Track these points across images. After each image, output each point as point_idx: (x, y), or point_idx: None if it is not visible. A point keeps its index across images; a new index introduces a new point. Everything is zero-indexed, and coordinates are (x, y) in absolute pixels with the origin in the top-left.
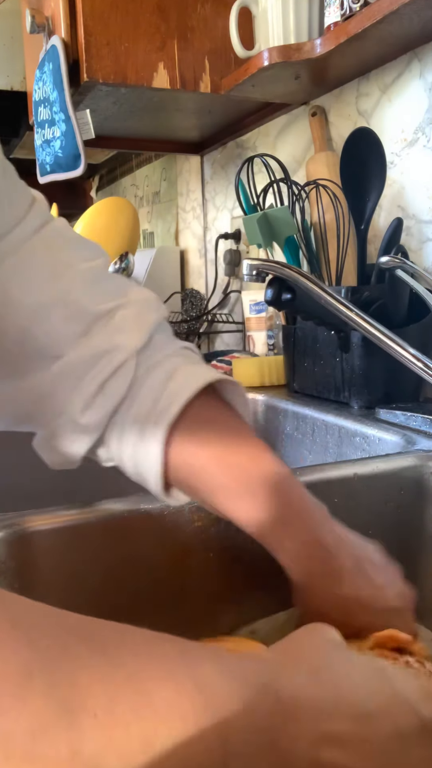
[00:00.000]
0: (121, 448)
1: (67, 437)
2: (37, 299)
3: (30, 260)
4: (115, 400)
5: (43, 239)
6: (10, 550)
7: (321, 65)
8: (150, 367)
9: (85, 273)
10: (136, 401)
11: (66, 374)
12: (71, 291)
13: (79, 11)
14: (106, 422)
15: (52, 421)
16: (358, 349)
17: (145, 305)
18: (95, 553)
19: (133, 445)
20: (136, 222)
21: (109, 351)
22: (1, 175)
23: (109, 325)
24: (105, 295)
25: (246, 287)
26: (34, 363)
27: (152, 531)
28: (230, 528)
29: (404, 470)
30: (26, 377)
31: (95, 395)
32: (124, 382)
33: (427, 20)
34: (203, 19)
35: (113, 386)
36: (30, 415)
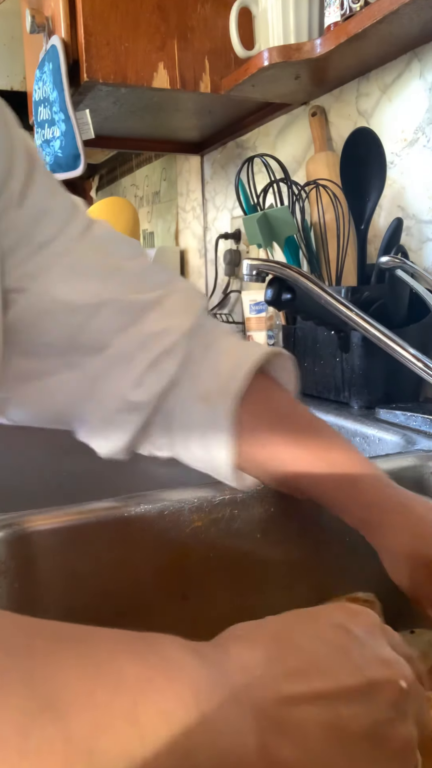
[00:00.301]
0: (189, 433)
1: (118, 417)
2: (89, 300)
3: (79, 263)
4: (167, 378)
5: (90, 242)
6: (10, 550)
7: (321, 65)
8: (206, 347)
9: (131, 270)
10: (197, 382)
11: (116, 359)
12: (121, 288)
13: (79, 11)
14: (156, 401)
15: (103, 404)
16: (358, 349)
17: (190, 292)
18: (95, 553)
19: (202, 430)
20: (136, 222)
21: (159, 333)
22: (45, 186)
23: (158, 310)
24: (152, 287)
25: (246, 287)
26: (83, 356)
27: (152, 531)
28: (230, 528)
29: (404, 470)
30: (75, 368)
31: (145, 373)
32: (175, 360)
33: (427, 20)
34: (203, 19)
35: (164, 364)
36: (80, 405)
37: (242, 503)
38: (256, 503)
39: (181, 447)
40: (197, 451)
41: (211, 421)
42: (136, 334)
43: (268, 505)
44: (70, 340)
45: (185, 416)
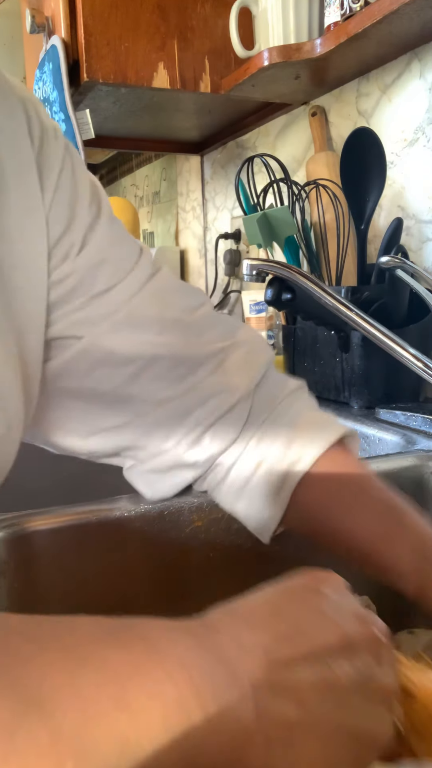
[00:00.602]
0: (239, 499)
1: (170, 473)
2: (143, 352)
3: (136, 314)
4: (226, 442)
5: (150, 293)
6: (10, 550)
7: (321, 65)
8: (271, 412)
9: (191, 322)
10: (258, 448)
11: (173, 414)
12: (178, 342)
13: (79, 11)
14: (212, 462)
15: (156, 458)
16: (358, 349)
17: (254, 345)
18: (95, 553)
19: (248, 504)
20: (136, 222)
21: (219, 392)
22: (108, 235)
23: (219, 367)
24: (212, 340)
25: (246, 287)
26: (135, 406)
27: (152, 531)
28: (230, 528)
29: (404, 470)
30: (125, 416)
31: (204, 434)
32: (237, 423)
33: (427, 20)
34: (203, 19)
35: (224, 427)
36: (127, 449)
37: None
38: None
39: (228, 503)
40: (238, 511)
41: (267, 497)
42: (194, 391)
43: None
44: (122, 390)
45: (241, 483)
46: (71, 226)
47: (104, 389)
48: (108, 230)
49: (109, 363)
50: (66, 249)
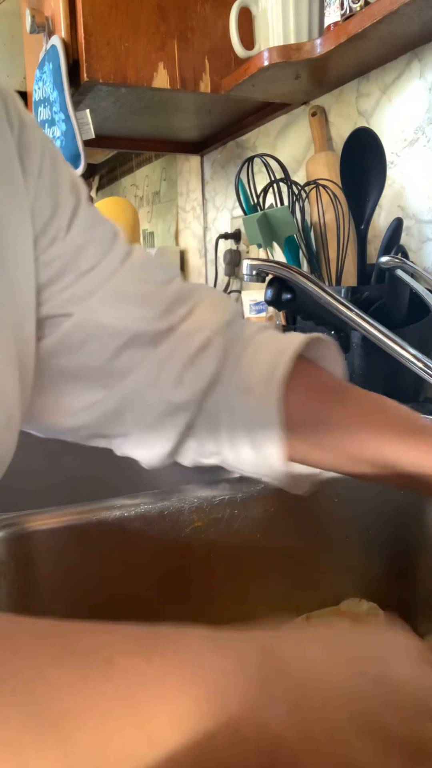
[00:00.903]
0: (234, 430)
1: (161, 421)
2: (130, 325)
3: (120, 289)
4: (207, 375)
5: (129, 268)
6: (10, 550)
7: (321, 65)
8: (244, 343)
9: (168, 295)
10: (238, 376)
11: (152, 364)
12: (158, 314)
13: (79, 11)
14: (198, 400)
15: (144, 412)
16: (358, 349)
17: (221, 295)
18: (95, 553)
19: (247, 423)
20: (136, 222)
21: (193, 332)
22: (88, 218)
23: (188, 319)
24: (187, 303)
25: (246, 287)
26: (118, 376)
27: (152, 531)
28: (230, 528)
29: None
30: (111, 389)
31: (184, 371)
32: (213, 356)
33: (427, 20)
34: (203, 19)
35: (202, 361)
36: (120, 419)
37: (242, 503)
38: (256, 503)
39: (228, 448)
40: (246, 452)
41: (258, 412)
42: (167, 341)
43: (268, 505)
44: (110, 363)
45: (230, 412)
46: (57, 212)
47: (95, 363)
48: (88, 213)
49: (99, 337)
50: (53, 234)
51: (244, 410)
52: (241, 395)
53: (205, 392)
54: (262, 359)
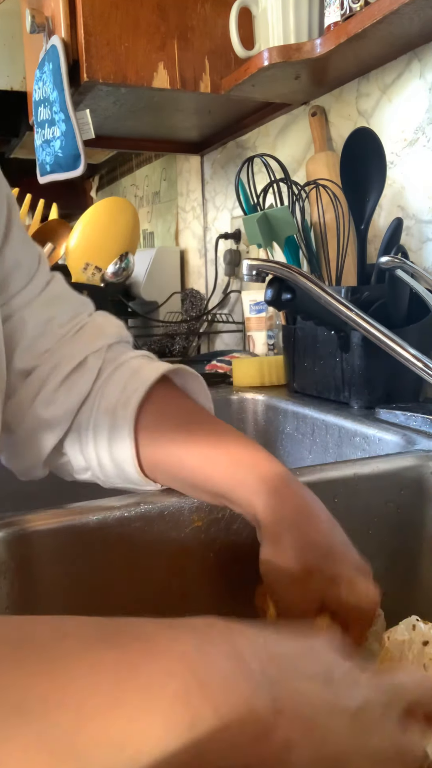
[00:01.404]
0: (97, 444)
1: (34, 436)
2: (30, 362)
3: (26, 322)
4: (80, 395)
5: (47, 298)
6: (10, 550)
7: (321, 65)
8: (116, 367)
9: (70, 331)
10: (104, 396)
11: (32, 381)
12: (56, 347)
13: (79, 11)
14: (71, 417)
15: (19, 426)
16: (358, 349)
17: (108, 320)
18: (95, 553)
19: (107, 440)
20: (136, 222)
21: (71, 354)
22: (20, 237)
23: (73, 338)
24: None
25: (246, 287)
26: (12, 392)
27: (152, 531)
28: (230, 528)
29: (404, 470)
30: (5, 402)
31: (56, 390)
32: (88, 378)
33: (427, 20)
34: (203, 19)
35: (75, 381)
36: (7, 428)
37: None
38: None
39: (95, 463)
40: (110, 467)
41: (115, 430)
42: (50, 359)
43: None
44: (9, 391)
45: (94, 431)
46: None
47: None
48: (20, 231)
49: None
50: None
51: (105, 429)
52: (104, 415)
53: (75, 410)
54: (127, 384)
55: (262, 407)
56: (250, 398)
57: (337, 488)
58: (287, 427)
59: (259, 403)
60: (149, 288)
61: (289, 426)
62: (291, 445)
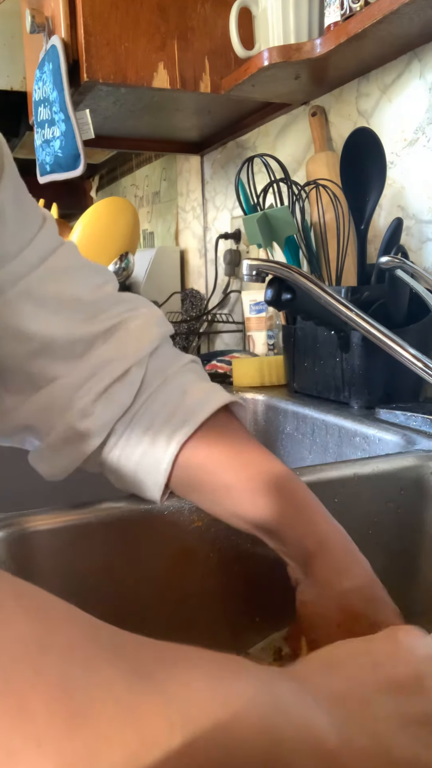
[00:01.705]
0: (126, 451)
1: (67, 446)
2: (43, 331)
3: (38, 291)
4: (120, 409)
5: (52, 269)
6: (10, 550)
7: (321, 65)
8: (164, 380)
9: (92, 303)
10: (148, 412)
11: (66, 387)
12: (75, 323)
13: (79, 11)
14: (108, 430)
15: (48, 433)
16: (358, 349)
17: (149, 319)
18: (95, 554)
19: (142, 452)
20: (136, 222)
21: (111, 361)
22: (13, 195)
23: (111, 340)
24: (109, 317)
25: (246, 287)
26: (33, 385)
27: (152, 531)
28: (230, 528)
29: (404, 470)
30: (24, 395)
31: (95, 402)
32: (130, 390)
33: (427, 20)
34: (203, 19)
35: (116, 394)
36: (28, 427)
37: None
38: None
39: (113, 465)
40: (127, 465)
41: (151, 460)
42: (86, 363)
43: None
44: (24, 367)
45: (127, 440)
46: None
47: (9, 365)
48: (10, 190)
49: (13, 337)
50: None
51: (143, 444)
52: (142, 436)
53: (114, 423)
54: (174, 410)
55: (262, 407)
56: (250, 398)
57: (337, 488)
58: (287, 427)
59: (259, 403)
60: (149, 288)
61: (289, 426)
62: (291, 445)
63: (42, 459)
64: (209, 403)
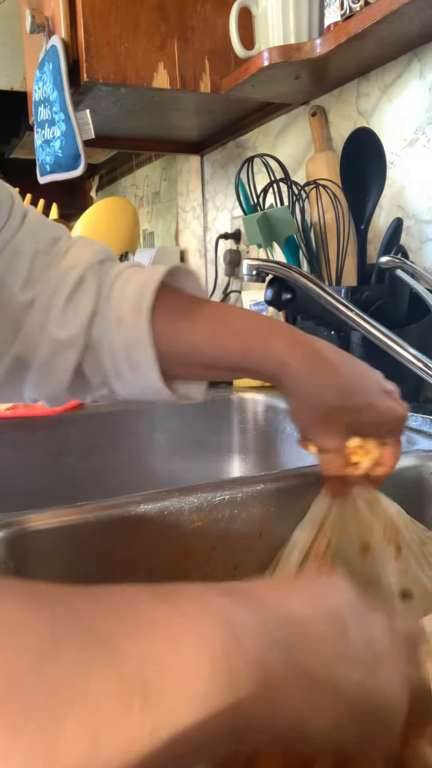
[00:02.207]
0: (114, 354)
1: (54, 359)
2: (26, 297)
3: (19, 253)
4: (87, 311)
5: (26, 231)
6: (10, 550)
7: (321, 65)
8: (114, 278)
9: (56, 255)
10: (111, 308)
11: (37, 309)
12: (48, 273)
13: (79, 11)
14: (84, 333)
15: (38, 351)
16: (358, 349)
17: (94, 242)
18: (95, 553)
19: (124, 347)
20: (136, 222)
21: (67, 270)
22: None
23: (62, 261)
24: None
25: (246, 287)
26: (19, 320)
27: (152, 531)
28: (230, 528)
29: (404, 470)
30: (13, 336)
31: (64, 311)
32: (90, 293)
33: (427, 20)
34: (203, 19)
35: (79, 298)
36: (18, 358)
37: (242, 503)
38: (256, 503)
39: (113, 377)
40: (128, 376)
41: (132, 340)
42: (48, 282)
43: (268, 505)
44: (17, 318)
45: (108, 343)
46: None
47: (4, 320)
48: None
49: (5, 291)
50: None
51: (119, 339)
52: (115, 326)
53: (87, 326)
54: (130, 291)
55: (262, 407)
56: (250, 398)
57: None
58: (287, 427)
59: (259, 403)
60: None
61: (289, 426)
62: (291, 445)
63: (37, 385)
64: (156, 274)
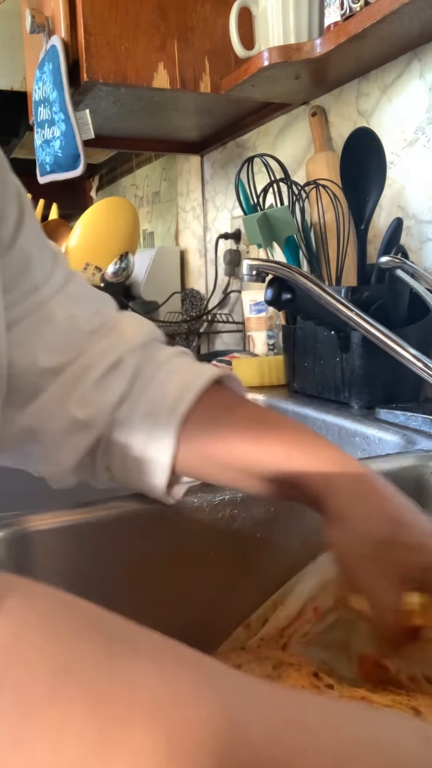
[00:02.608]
0: (130, 444)
1: (67, 438)
2: (42, 363)
3: (50, 321)
4: (116, 396)
5: (65, 297)
6: (10, 550)
7: (321, 65)
8: (157, 366)
9: (87, 331)
10: (146, 398)
11: (64, 381)
12: (75, 354)
13: (79, 11)
14: (107, 418)
15: (52, 428)
16: (358, 349)
17: (140, 319)
18: (95, 553)
19: (144, 441)
20: (136, 222)
21: (104, 351)
22: (34, 239)
23: (105, 335)
24: (105, 320)
25: (246, 287)
26: (37, 391)
27: (152, 531)
28: (230, 528)
29: (404, 470)
30: (27, 402)
31: (92, 390)
32: (123, 377)
33: (427, 20)
34: (203, 19)
35: (112, 381)
36: (29, 430)
37: (242, 503)
38: (256, 503)
39: (118, 463)
40: (132, 463)
41: (156, 431)
42: (81, 360)
43: (268, 505)
44: (29, 383)
45: (129, 432)
46: (3, 219)
47: (18, 383)
48: (34, 228)
49: (31, 360)
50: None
51: (143, 431)
52: (143, 417)
53: (112, 410)
54: (171, 388)
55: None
56: (250, 398)
57: None
58: None
59: (259, 403)
60: (149, 288)
61: None
62: None
63: (45, 459)
64: (199, 381)
